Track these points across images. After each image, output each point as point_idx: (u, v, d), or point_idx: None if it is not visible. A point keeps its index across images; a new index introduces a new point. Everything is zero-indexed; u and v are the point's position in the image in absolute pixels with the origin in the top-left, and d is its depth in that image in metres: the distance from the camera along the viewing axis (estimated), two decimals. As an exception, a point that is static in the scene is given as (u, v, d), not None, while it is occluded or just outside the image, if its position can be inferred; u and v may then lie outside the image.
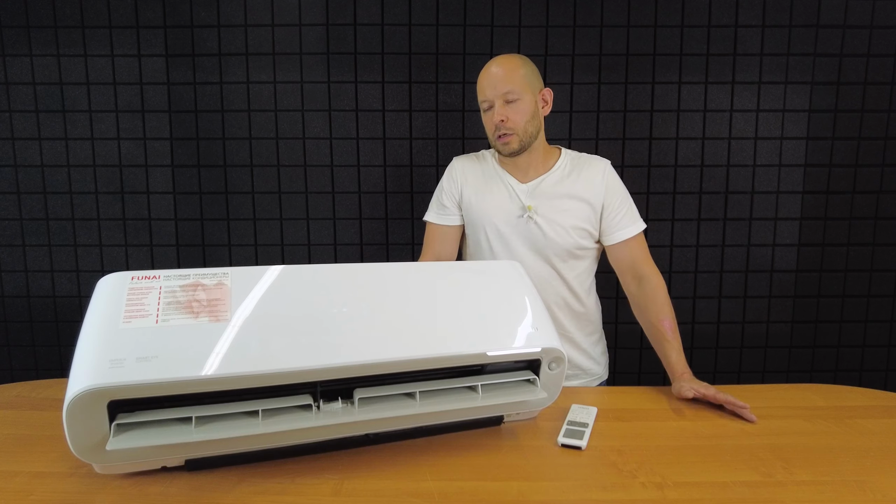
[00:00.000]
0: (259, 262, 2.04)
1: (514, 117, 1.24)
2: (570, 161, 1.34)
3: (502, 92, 1.23)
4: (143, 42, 1.97)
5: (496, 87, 1.24)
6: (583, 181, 1.30)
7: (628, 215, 1.30)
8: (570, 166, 1.33)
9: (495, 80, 1.24)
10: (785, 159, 2.01)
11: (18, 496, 0.75)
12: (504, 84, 1.23)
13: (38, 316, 2.08)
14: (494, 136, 1.27)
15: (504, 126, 1.24)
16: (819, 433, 0.96)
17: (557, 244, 1.28)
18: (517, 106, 1.24)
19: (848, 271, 2.05)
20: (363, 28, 1.96)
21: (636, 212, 1.32)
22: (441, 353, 0.83)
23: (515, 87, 1.23)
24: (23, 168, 2.01)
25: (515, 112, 1.24)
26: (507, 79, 1.23)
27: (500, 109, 1.23)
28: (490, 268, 1.01)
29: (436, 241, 1.38)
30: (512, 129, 1.25)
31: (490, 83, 1.25)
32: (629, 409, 1.05)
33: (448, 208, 1.37)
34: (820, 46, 1.96)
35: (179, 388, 0.73)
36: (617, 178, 1.32)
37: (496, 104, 1.24)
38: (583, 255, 1.32)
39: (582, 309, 1.34)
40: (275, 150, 2.02)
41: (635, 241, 1.29)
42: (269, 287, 0.84)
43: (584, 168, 1.32)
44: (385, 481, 0.80)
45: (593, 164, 1.33)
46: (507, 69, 1.24)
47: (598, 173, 1.30)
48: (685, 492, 0.78)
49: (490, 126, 1.28)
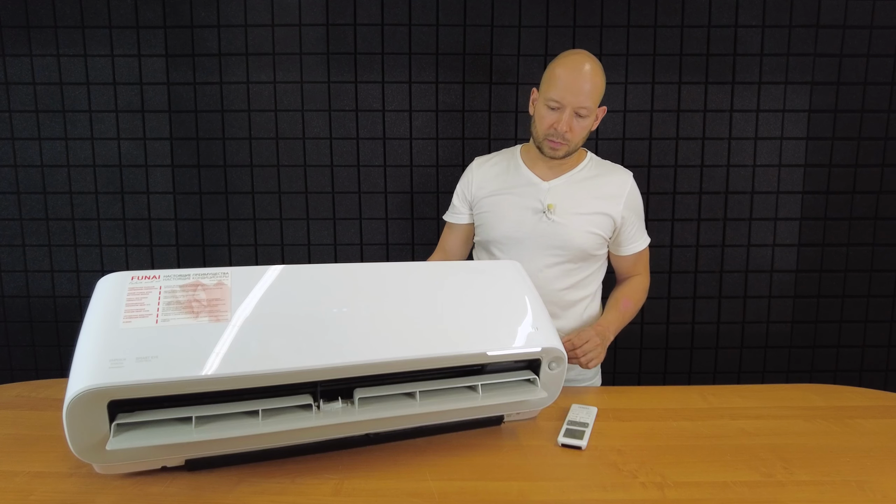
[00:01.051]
0: (259, 262, 2.04)
1: (577, 131, 1.22)
2: (595, 165, 1.34)
3: (581, 105, 1.19)
4: (143, 42, 1.97)
5: (577, 98, 1.19)
6: (605, 190, 1.29)
7: (640, 230, 1.33)
8: (595, 171, 1.33)
9: (578, 89, 1.18)
10: (785, 159, 2.01)
11: (18, 496, 0.75)
12: (587, 98, 1.19)
13: (38, 316, 2.08)
14: (545, 137, 1.24)
15: (565, 136, 1.21)
16: (819, 433, 0.96)
17: (574, 244, 1.27)
18: (583, 122, 1.22)
19: (848, 271, 2.05)
20: (363, 28, 1.96)
21: (644, 227, 1.36)
22: (441, 353, 0.83)
23: (592, 104, 1.21)
24: (23, 168, 2.01)
25: (581, 127, 1.22)
26: (591, 94, 1.19)
27: (569, 121, 1.20)
28: (490, 268, 1.01)
29: (447, 239, 1.46)
30: (569, 141, 1.22)
31: (573, 90, 1.18)
32: (629, 409, 1.05)
33: (457, 206, 1.42)
34: (820, 46, 1.95)
35: (179, 388, 0.73)
36: (638, 194, 1.33)
37: (567, 111, 1.19)
38: (594, 260, 1.32)
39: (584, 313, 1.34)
40: (275, 150, 2.02)
41: (641, 254, 1.35)
42: (269, 287, 0.84)
43: (608, 176, 1.32)
44: (385, 481, 0.80)
45: (618, 174, 1.33)
46: (596, 84, 1.20)
47: (622, 186, 1.30)
48: (685, 492, 0.78)
49: (546, 126, 1.22)
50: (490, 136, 2.01)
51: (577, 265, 1.30)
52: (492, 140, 2.00)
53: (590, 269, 1.32)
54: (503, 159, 1.38)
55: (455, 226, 1.43)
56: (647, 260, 1.38)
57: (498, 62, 1.98)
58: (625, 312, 1.29)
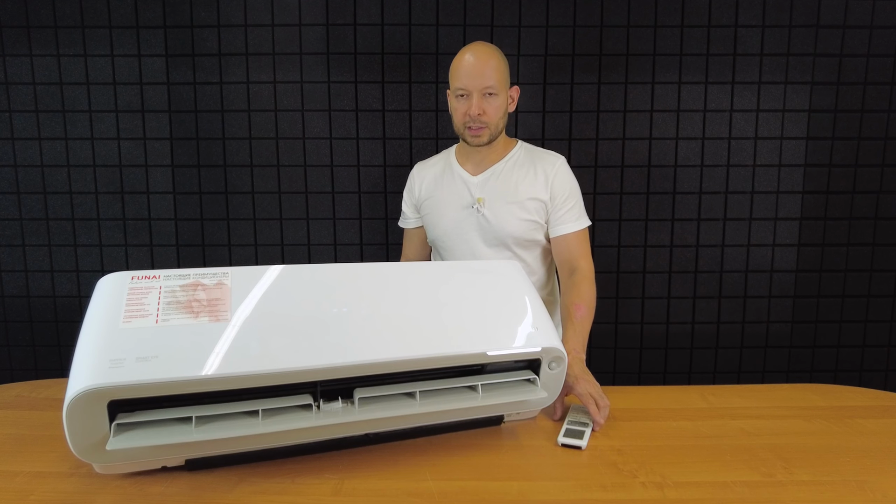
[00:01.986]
0: (259, 262, 2.04)
1: (490, 112, 1.26)
2: (524, 153, 1.37)
3: (484, 85, 1.24)
4: (143, 42, 1.97)
5: (479, 80, 1.24)
6: (532, 176, 1.32)
7: (572, 211, 1.33)
8: (524, 159, 1.36)
9: (479, 72, 1.24)
10: (785, 159, 2.01)
11: (18, 496, 0.75)
12: (488, 78, 1.24)
13: (38, 316, 2.08)
14: (464, 126, 1.29)
15: (480, 119, 1.26)
16: (819, 433, 0.96)
17: (506, 232, 1.31)
18: (494, 101, 1.26)
19: (848, 271, 2.05)
20: (363, 28, 1.96)
21: (582, 210, 1.35)
22: (441, 353, 0.83)
23: (496, 82, 1.25)
24: (23, 168, 2.01)
25: (492, 107, 1.26)
26: (491, 74, 1.24)
27: (479, 102, 1.25)
28: (490, 268, 1.01)
29: (405, 246, 1.55)
30: (486, 124, 1.27)
31: (473, 73, 1.24)
32: (629, 409, 1.05)
33: (405, 213, 1.50)
34: (820, 46, 1.96)
35: (179, 388, 0.73)
36: (568, 175, 1.34)
37: (474, 96, 1.25)
38: (535, 245, 1.35)
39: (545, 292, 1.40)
40: (275, 150, 2.02)
41: (575, 237, 1.32)
42: (269, 287, 0.84)
43: (537, 162, 1.34)
44: (385, 481, 0.80)
45: (547, 159, 1.35)
46: (492, 64, 1.25)
47: (550, 168, 1.33)
48: (685, 492, 0.78)
49: (461, 115, 1.28)
50: (490, 136, 2.01)
51: (517, 251, 1.34)
52: (492, 140, 2.00)
53: (532, 255, 1.36)
54: (440, 161, 1.45)
55: (409, 231, 1.52)
56: (586, 246, 1.33)
57: (498, 62, 1.97)
58: (581, 322, 1.21)
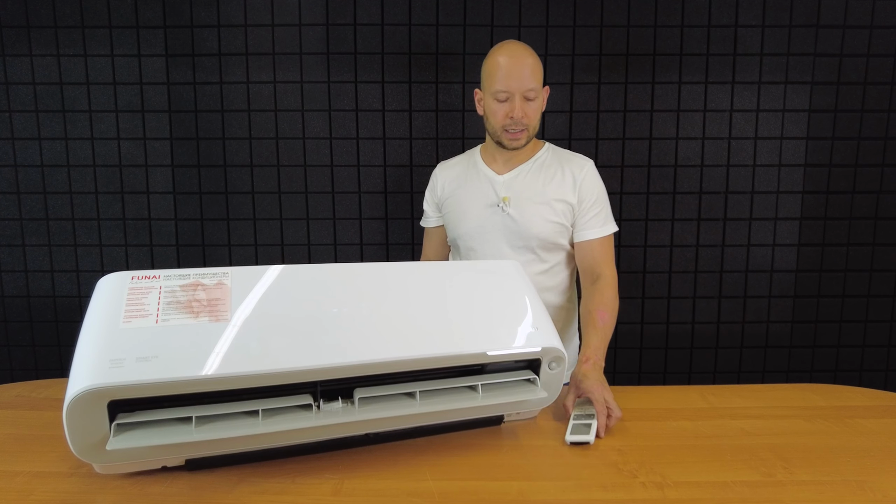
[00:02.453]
0: (259, 262, 2.04)
1: (530, 114, 1.24)
2: (551, 155, 1.35)
3: (527, 88, 1.21)
4: (143, 42, 1.97)
5: (521, 82, 1.21)
6: (560, 177, 1.30)
7: (599, 216, 1.31)
8: (552, 160, 1.34)
9: (521, 74, 1.21)
10: (785, 159, 2.01)
11: (18, 496, 0.75)
12: (529, 80, 1.21)
13: (38, 316, 2.08)
14: (502, 129, 1.26)
15: (521, 122, 1.23)
16: (819, 433, 0.96)
17: (532, 234, 1.29)
18: (534, 104, 1.24)
19: (848, 271, 2.05)
20: (363, 28, 1.96)
21: (609, 215, 1.33)
22: (441, 353, 0.83)
23: (537, 84, 1.23)
24: (23, 168, 2.01)
25: (532, 109, 1.24)
26: (532, 75, 1.22)
27: (522, 105, 1.22)
28: (490, 268, 1.01)
29: (426, 245, 1.54)
30: (526, 126, 1.25)
31: (515, 76, 1.21)
32: (629, 409, 1.05)
33: (427, 212, 1.49)
34: (820, 46, 1.96)
35: (179, 388, 0.73)
36: (596, 179, 1.32)
37: (516, 98, 1.22)
38: (560, 249, 1.33)
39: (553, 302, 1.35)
40: (275, 150, 2.02)
41: (600, 243, 1.30)
42: (269, 287, 0.84)
43: (565, 164, 1.32)
44: (385, 481, 0.80)
45: (575, 161, 1.33)
46: (533, 65, 1.22)
47: (579, 171, 1.31)
48: (685, 492, 0.78)
49: (501, 118, 1.25)
50: (490, 136, 2.01)
51: (540, 254, 1.31)
52: (492, 140, 2.00)
53: (556, 258, 1.33)
54: (463, 160, 1.43)
55: (430, 230, 1.50)
56: (610, 253, 1.31)
57: (498, 62, 1.97)
58: (605, 328, 1.20)
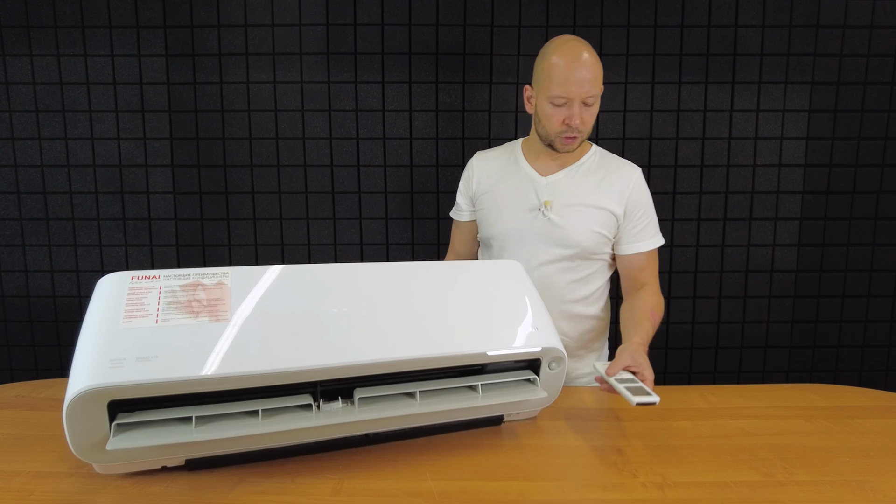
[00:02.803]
0: (259, 262, 2.04)
1: (588, 120, 1.18)
2: (598, 159, 1.28)
3: (589, 94, 1.15)
4: (143, 42, 1.97)
5: (583, 88, 1.14)
6: (607, 184, 1.24)
7: (648, 228, 1.26)
8: (598, 165, 1.27)
9: (585, 80, 1.14)
10: (785, 159, 2.01)
11: (18, 496, 0.75)
12: (593, 87, 1.15)
13: (38, 316, 2.08)
14: (558, 134, 1.19)
15: (578, 128, 1.17)
16: (819, 433, 0.95)
17: (572, 242, 1.23)
18: (592, 109, 1.18)
19: (848, 271, 2.05)
20: (363, 28, 1.96)
21: (657, 227, 1.28)
22: (441, 353, 0.83)
23: (599, 90, 1.17)
24: (23, 168, 2.01)
25: (589, 114, 1.18)
26: (595, 81, 1.15)
27: (580, 112, 1.15)
28: (490, 268, 1.01)
29: (454, 238, 1.46)
30: (582, 132, 1.19)
31: (578, 81, 1.13)
32: (629, 409, 1.05)
33: (459, 204, 1.41)
34: (820, 46, 1.96)
35: (179, 388, 0.73)
36: (644, 189, 1.27)
37: (576, 104, 1.15)
38: (597, 258, 1.27)
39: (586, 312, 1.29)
40: (275, 150, 2.02)
41: (647, 256, 1.26)
42: (269, 287, 0.84)
43: (612, 171, 1.26)
44: (385, 481, 0.80)
45: (623, 169, 1.27)
46: (597, 70, 1.15)
47: (627, 180, 1.24)
48: (685, 492, 0.78)
49: (556, 124, 1.18)
50: (490, 136, 2.01)
51: (577, 263, 1.26)
52: (492, 140, 2.00)
53: (593, 267, 1.28)
54: (503, 154, 1.35)
55: (460, 223, 1.42)
56: (656, 266, 1.28)
57: (498, 62, 1.98)
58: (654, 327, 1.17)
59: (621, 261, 1.29)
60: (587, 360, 1.34)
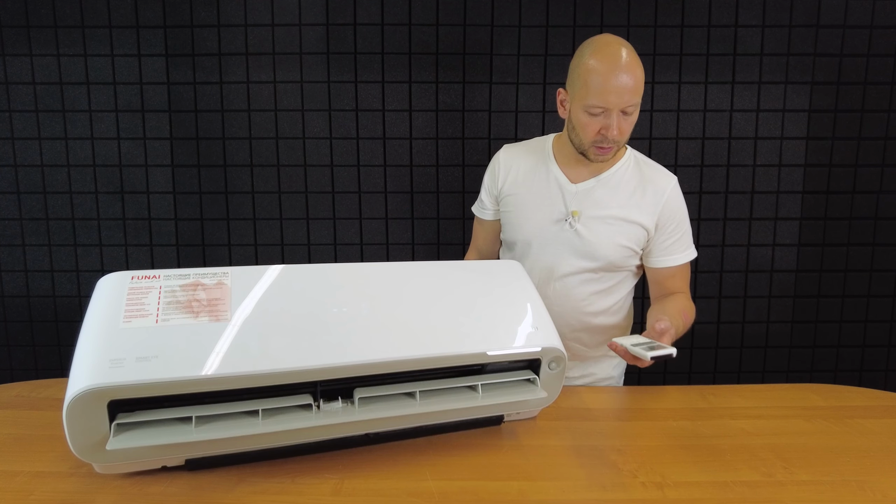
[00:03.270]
0: (259, 262, 2.04)
1: (626, 130, 1.10)
2: (633, 165, 1.21)
3: (628, 104, 1.06)
4: (143, 42, 1.97)
5: (622, 97, 1.05)
6: (640, 195, 1.18)
7: (680, 242, 1.20)
8: (633, 172, 1.20)
9: (625, 91, 1.04)
10: (785, 159, 2.01)
11: (18, 496, 0.75)
12: (632, 96, 1.06)
13: (38, 316, 2.08)
14: (593, 144, 1.11)
15: (614, 139, 1.09)
16: (819, 433, 0.95)
17: (599, 255, 1.18)
18: (631, 118, 1.09)
19: (848, 271, 2.05)
20: (363, 28, 1.96)
21: (690, 239, 1.22)
22: (441, 353, 0.83)
23: (639, 98, 1.08)
24: (23, 168, 2.01)
25: (628, 124, 1.09)
26: (636, 91, 1.06)
27: (618, 123, 1.07)
28: (490, 268, 1.01)
29: (477, 235, 1.39)
30: (619, 142, 1.11)
31: (618, 90, 1.04)
32: (629, 409, 1.05)
33: (483, 201, 1.33)
34: (820, 46, 1.96)
35: (179, 387, 0.73)
36: (679, 200, 1.20)
37: (613, 114, 1.06)
38: (624, 271, 1.23)
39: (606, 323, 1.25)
40: (275, 150, 2.02)
41: (680, 269, 1.21)
42: (269, 287, 0.84)
43: (647, 181, 1.19)
44: (385, 481, 0.80)
45: (658, 180, 1.19)
46: (638, 79, 1.06)
47: (660, 192, 1.17)
48: (685, 492, 0.78)
49: (592, 133, 1.10)
50: (490, 136, 2.01)
51: (601, 275, 1.21)
52: (492, 140, 2.00)
53: (617, 279, 1.23)
54: (533, 153, 1.26)
55: (484, 221, 1.35)
56: (688, 278, 1.22)
57: (498, 62, 1.98)
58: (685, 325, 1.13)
59: (651, 272, 1.23)
60: (604, 363, 1.31)
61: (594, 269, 1.20)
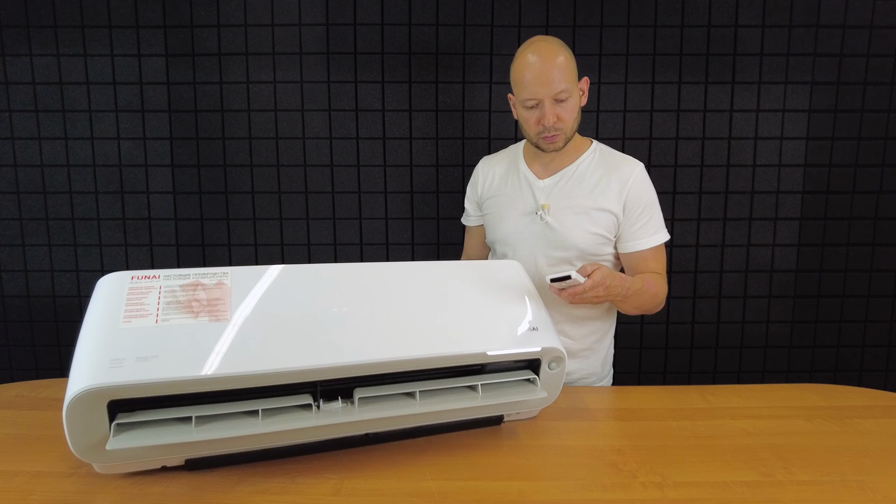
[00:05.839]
0: (259, 262, 2.04)
1: (565, 116, 1.16)
2: (598, 157, 1.27)
3: (556, 91, 1.14)
4: (143, 42, 1.97)
5: (549, 86, 1.13)
6: (605, 184, 1.22)
7: (649, 225, 1.23)
8: (598, 163, 1.25)
9: (548, 79, 1.13)
10: (785, 159, 2.01)
11: (18, 496, 0.75)
12: (558, 83, 1.13)
13: (38, 316, 2.08)
14: (538, 136, 1.19)
15: (555, 127, 1.16)
16: (819, 433, 0.96)
17: (570, 244, 1.22)
18: (567, 104, 1.16)
19: (848, 271, 2.05)
20: (363, 28, 1.96)
21: (660, 222, 1.25)
22: (441, 353, 0.83)
23: (568, 83, 1.14)
24: (23, 168, 2.01)
25: (566, 111, 1.16)
26: (561, 77, 1.13)
27: (552, 110, 1.15)
28: (490, 268, 1.01)
29: (467, 244, 1.50)
30: (562, 129, 1.17)
31: (541, 81, 1.13)
32: (629, 409, 1.05)
33: (468, 210, 1.44)
34: (820, 46, 1.96)
35: (179, 387, 0.73)
36: (645, 185, 1.24)
37: (546, 103, 1.15)
38: (599, 259, 1.25)
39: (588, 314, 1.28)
40: (275, 150, 2.02)
41: (652, 252, 1.23)
42: (269, 287, 0.84)
43: (612, 169, 1.24)
44: (385, 481, 0.80)
45: (622, 166, 1.24)
46: (559, 66, 1.13)
47: (626, 178, 1.22)
48: (685, 492, 0.78)
49: (533, 125, 1.18)
50: (490, 135, 2.01)
51: (578, 265, 1.23)
52: (492, 140, 2.00)
53: None
54: (507, 158, 1.36)
55: (471, 228, 1.46)
56: (663, 262, 1.25)
57: (498, 62, 1.98)
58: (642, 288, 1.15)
59: (624, 259, 1.27)
60: (591, 360, 1.33)
61: (569, 258, 1.25)
